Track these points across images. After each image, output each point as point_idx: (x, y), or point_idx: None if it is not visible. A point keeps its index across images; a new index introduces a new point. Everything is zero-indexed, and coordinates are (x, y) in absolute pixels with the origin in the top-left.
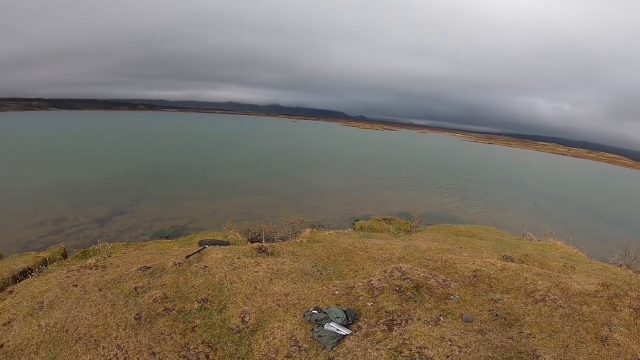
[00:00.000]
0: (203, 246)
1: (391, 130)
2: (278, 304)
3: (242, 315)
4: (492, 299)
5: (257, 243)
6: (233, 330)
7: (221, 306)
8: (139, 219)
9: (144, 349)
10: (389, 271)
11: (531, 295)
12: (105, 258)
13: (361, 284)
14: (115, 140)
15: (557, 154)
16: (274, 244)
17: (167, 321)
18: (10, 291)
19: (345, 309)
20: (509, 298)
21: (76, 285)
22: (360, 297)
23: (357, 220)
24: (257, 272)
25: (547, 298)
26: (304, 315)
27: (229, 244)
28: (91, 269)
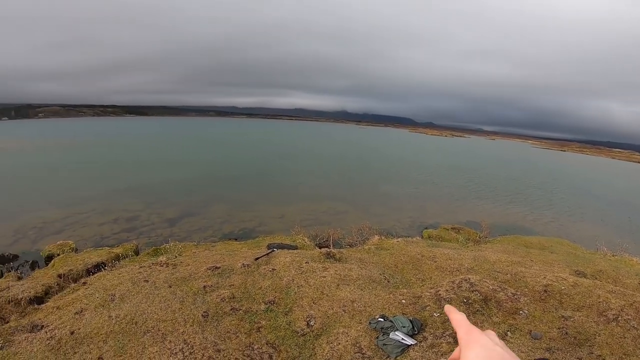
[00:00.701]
0: (272, 249)
1: (460, 136)
2: (344, 310)
3: (308, 319)
4: (563, 316)
5: (325, 248)
6: (298, 333)
7: (287, 309)
8: (209, 220)
9: (209, 346)
10: (457, 282)
11: (603, 314)
12: (176, 257)
13: (428, 293)
14: (186, 144)
15: (634, 161)
16: (341, 249)
17: (233, 320)
18: (83, 283)
19: (411, 318)
20: (580, 316)
21: (147, 281)
22: (427, 307)
23: (426, 228)
24: (324, 277)
25: (620, 318)
26: (370, 323)
27: (297, 248)
28: (162, 266)
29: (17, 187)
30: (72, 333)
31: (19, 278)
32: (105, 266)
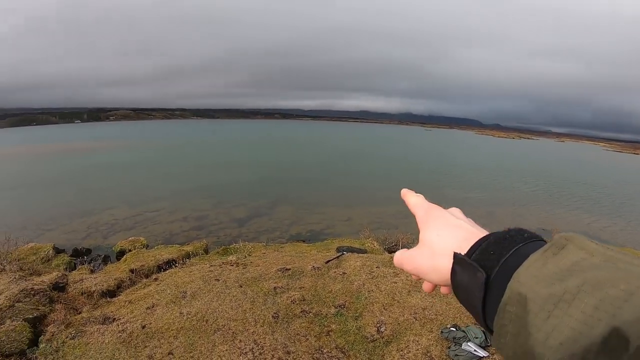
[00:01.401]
0: (341, 252)
1: (527, 138)
2: (415, 317)
3: (378, 325)
4: None
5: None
6: (367, 339)
7: (357, 314)
8: (276, 221)
9: (279, 347)
10: None
11: None
12: (246, 257)
13: None
14: (254, 146)
15: None
16: None
17: (303, 323)
18: (155, 278)
19: (483, 329)
20: None
21: (218, 280)
22: None
23: None
24: (395, 282)
25: None
26: (442, 332)
27: (366, 252)
28: (232, 265)
29: (90, 185)
30: (143, 327)
31: (92, 271)
32: (176, 263)
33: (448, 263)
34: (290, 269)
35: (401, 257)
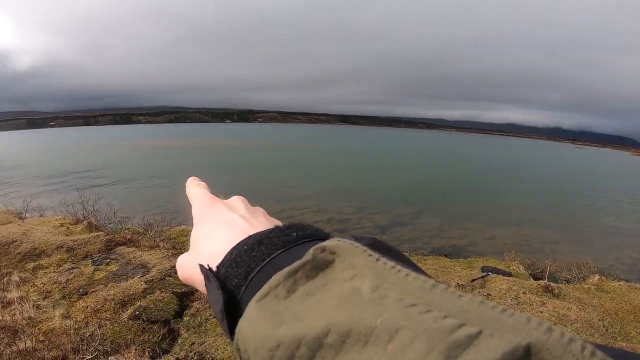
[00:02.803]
0: (486, 273)
1: None
2: None
3: None
4: None
5: (542, 281)
6: None
7: None
8: (418, 232)
9: None
10: None
11: None
12: None
13: None
14: (400, 154)
15: None
16: (560, 285)
17: None
18: None
19: None
20: None
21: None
22: None
23: None
24: (541, 312)
25: None
26: None
27: (511, 276)
28: None
29: (239, 179)
30: None
31: None
32: None
33: None
34: None
35: (177, 263)
